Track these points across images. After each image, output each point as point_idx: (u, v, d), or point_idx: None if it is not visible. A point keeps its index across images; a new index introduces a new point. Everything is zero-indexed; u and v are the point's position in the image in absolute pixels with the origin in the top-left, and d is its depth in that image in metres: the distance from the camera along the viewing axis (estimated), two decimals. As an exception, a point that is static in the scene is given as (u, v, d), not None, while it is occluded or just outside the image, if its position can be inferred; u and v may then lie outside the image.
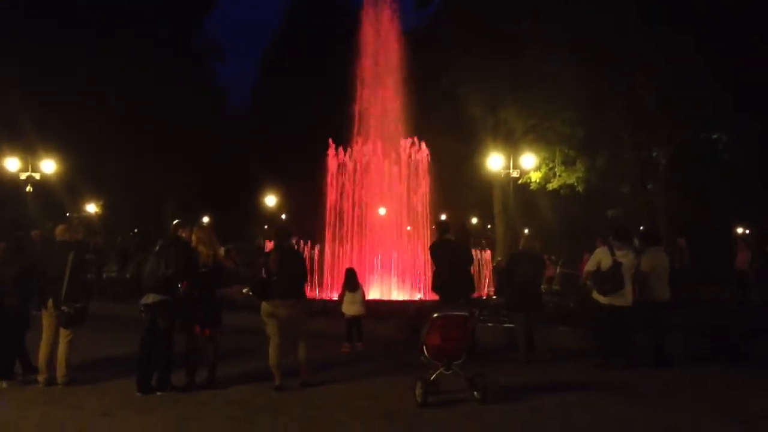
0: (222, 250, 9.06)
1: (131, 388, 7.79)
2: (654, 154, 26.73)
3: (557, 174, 27.66)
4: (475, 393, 7.40)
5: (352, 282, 11.32)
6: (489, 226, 21.96)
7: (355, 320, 11.08)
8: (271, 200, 44.61)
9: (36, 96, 31.18)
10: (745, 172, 27.35)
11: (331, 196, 18.08)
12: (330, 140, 18.30)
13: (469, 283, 10.52)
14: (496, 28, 26.23)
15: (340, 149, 18.26)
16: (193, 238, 8.26)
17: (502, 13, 25.93)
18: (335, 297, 13.89)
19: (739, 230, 34.56)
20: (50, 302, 8.03)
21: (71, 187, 34.68)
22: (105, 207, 42.75)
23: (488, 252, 20.10)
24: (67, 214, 36.92)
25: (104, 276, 22.60)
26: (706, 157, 28.05)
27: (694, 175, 27.44)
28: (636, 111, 24.77)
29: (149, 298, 7.78)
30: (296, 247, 12.88)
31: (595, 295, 9.65)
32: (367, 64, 19.16)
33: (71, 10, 35.26)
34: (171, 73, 37.33)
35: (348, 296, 11.20)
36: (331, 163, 18.25)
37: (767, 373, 9.55)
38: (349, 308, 11.13)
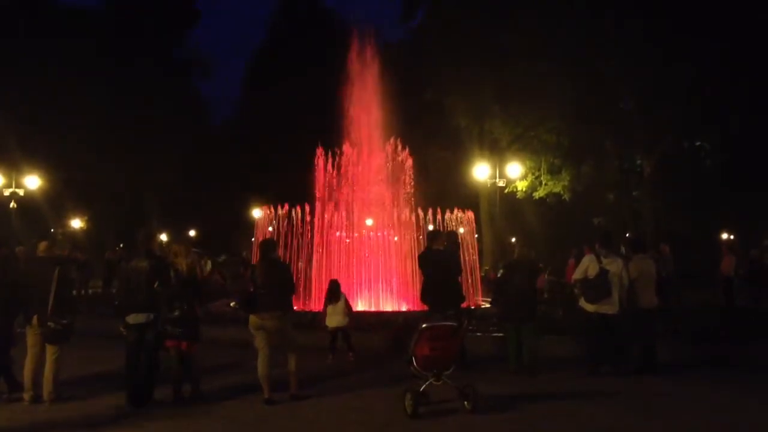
0: (208, 265, 9.02)
1: (118, 405, 7.71)
2: (638, 162, 26.99)
3: (543, 183, 27.85)
4: (465, 403, 7.39)
5: (334, 294, 11.25)
6: (477, 236, 21.91)
7: (339, 331, 11.01)
8: (257, 213, 44.49)
9: (18, 111, 30.98)
10: (728, 178, 27.62)
11: (319, 207, 18.01)
12: (319, 148, 18.22)
13: (458, 293, 10.46)
14: (481, 40, 26.45)
15: (329, 158, 18.20)
16: (172, 252, 8.24)
17: (486, 26, 26.16)
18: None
19: (724, 236, 34.84)
20: (35, 319, 7.94)
21: (55, 202, 34.48)
22: (90, 221, 42.48)
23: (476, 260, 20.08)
24: (52, 230, 36.63)
25: (90, 291, 22.46)
26: (689, 164, 28.34)
27: (678, 182, 27.70)
28: (618, 120, 25.06)
29: (139, 318, 7.71)
30: (282, 259, 12.81)
31: (583, 303, 9.67)
32: (352, 82, 19.05)
33: (49, 22, 35.09)
34: (155, 86, 37.25)
35: (330, 308, 11.14)
36: (319, 175, 18.18)
37: (754, 378, 9.62)
38: (331, 320, 11.07)
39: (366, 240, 17.90)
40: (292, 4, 50.33)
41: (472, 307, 16.26)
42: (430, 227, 17.30)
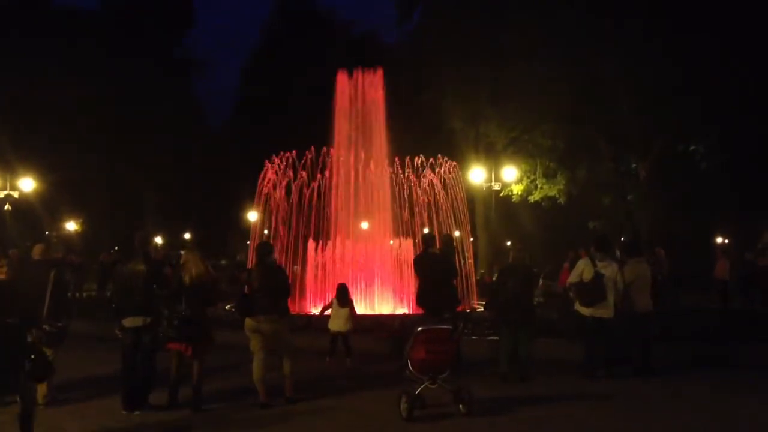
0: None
1: (113, 408, 7.68)
2: (634, 165, 27.02)
3: (539, 186, 27.87)
4: (460, 406, 7.39)
5: (343, 297, 11.21)
6: (472, 239, 21.95)
7: (340, 336, 10.98)
8: (252, 216, 44.36)
9: (14, 112, 30.90)
10: (726, 180, 27.63)
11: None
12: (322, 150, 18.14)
13: (453, 296, 10.44)
14: (479, 41, 26.49)
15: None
16: (182, 257, 8.21)
17: (486, 26, 26.20)
18: (316, 312, 13.76)
19: (719, 240, 34.91)
20: (30, 322, 7.90)
21: (50, 205, 34.37)
22: (84, 224, 42.33)
23: (471, 264, 20.11)
24: (46, 233, 36.53)
25: (84, 294, 22.40)
26: (684, 168, 28.38)
27: (673, 186, 27.72)
28: (616, 121, 25.07)
29: (135, 321, 7.68)
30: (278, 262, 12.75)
31: (578, 307, 9.66)
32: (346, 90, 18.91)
33: (48, 22, 34.99)
34: (155, 86, 37.20)
35: (335, 310, 11.09)
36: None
37: (751, 378, 9.63)
38: (333, 323, 11.03)
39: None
40: (290, 4, 50.23)
41: (468, 311, 16.26)
42: (425, 230, 17.33)
